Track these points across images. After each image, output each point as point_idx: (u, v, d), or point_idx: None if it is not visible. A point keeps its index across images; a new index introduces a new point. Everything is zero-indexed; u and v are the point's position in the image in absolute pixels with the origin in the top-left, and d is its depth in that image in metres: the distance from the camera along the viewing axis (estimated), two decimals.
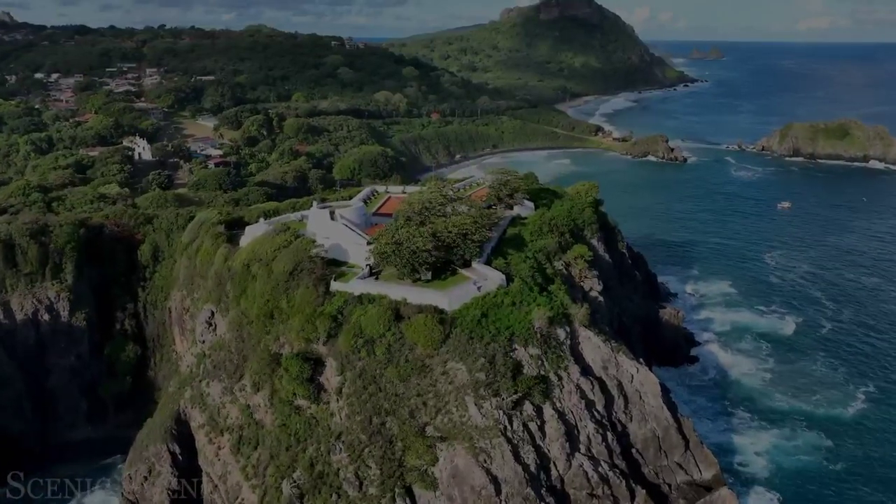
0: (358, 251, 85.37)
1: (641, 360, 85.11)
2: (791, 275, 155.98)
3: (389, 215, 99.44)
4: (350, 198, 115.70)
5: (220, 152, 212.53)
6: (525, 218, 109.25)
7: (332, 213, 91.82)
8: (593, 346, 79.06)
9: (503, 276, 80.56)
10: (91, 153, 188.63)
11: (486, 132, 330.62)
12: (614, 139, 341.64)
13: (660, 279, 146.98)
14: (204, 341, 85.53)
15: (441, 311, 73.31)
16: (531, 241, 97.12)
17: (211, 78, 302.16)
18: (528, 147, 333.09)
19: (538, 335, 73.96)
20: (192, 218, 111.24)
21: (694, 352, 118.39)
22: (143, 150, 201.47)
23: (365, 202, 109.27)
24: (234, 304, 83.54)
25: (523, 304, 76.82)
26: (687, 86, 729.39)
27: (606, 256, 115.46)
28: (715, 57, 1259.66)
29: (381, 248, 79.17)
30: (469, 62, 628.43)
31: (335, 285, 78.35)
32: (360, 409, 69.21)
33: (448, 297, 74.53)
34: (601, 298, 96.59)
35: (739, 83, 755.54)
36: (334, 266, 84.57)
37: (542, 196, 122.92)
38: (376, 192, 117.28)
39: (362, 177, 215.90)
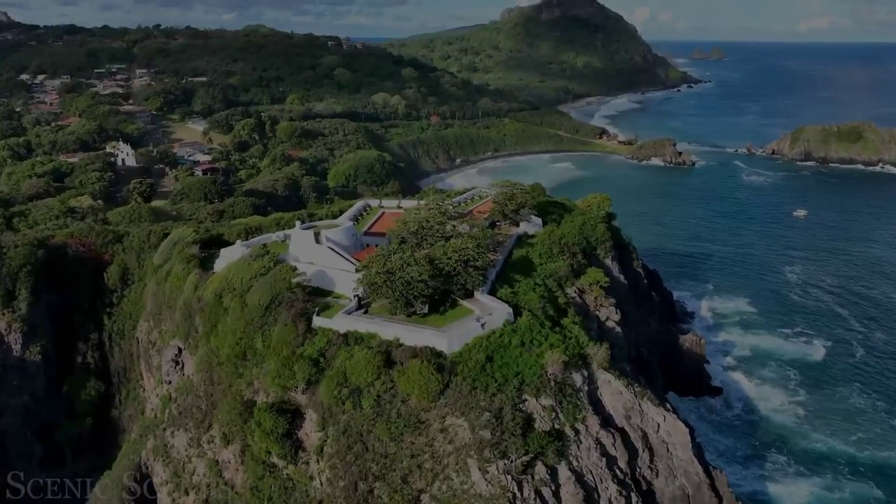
0: (345, 279, 75.24)
1: (668, 404, 75.01)
2: (814, 290, 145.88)
3: (383, 235, 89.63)
4: (340, 212, 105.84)
5: (208, 158, 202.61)
6: (533, 236, 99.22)
7: (316, 235, 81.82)
8: (614, 392, 68.86)
9: (510, 310, 70.39)
10: (71, 159, 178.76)
11: (487, 135, 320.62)
12: (619, 142, 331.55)
13: (674, 295, 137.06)
14: (170, 381, 75.48)
15: (439, 354, 63.22)
16: (540, 265, 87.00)
17: (203, 79, 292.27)
18: (531, 150, 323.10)
19: (552, 382, 63.75)
20: (166, 235, 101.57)
21: (716, 380, 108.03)
22: (126, 155, 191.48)
23: (356, 219, 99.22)
24: (204, 340, 73.41)
25: (534, 343, 66.59)
26: (690, 86, 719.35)
27: (621, 277, 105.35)
28: (717, 57, 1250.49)
29: (371, 277, 69.08)
30: (469, 63, 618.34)
31: (318, 321, 68.28)
32: (344, 473, 59.05)
33: (447, 338, 64.41)
34: (619, 329, 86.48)
35: (743, 84, 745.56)
36: (319, 296, 74.64)
37: (550, 210, 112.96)
38: (369, 207, 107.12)
39: (358, 184, 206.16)
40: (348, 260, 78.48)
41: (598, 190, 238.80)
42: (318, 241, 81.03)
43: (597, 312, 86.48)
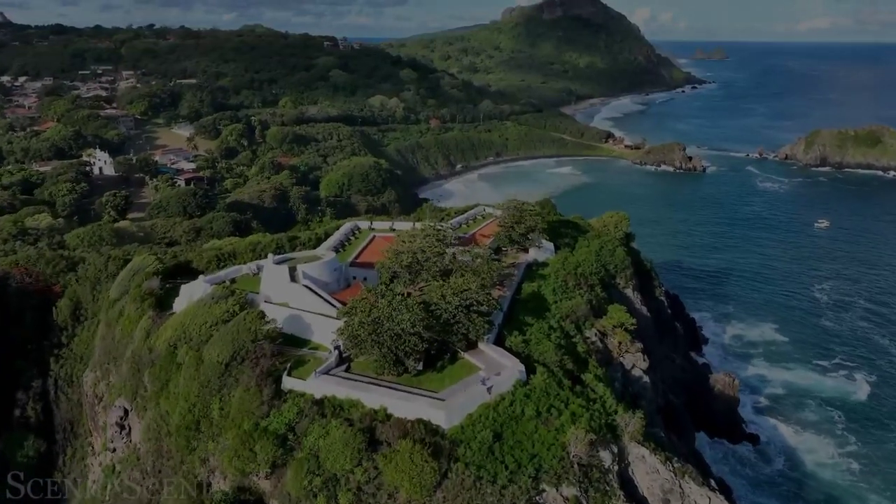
0: (325, 326, 62.98)
1: (712, 480, 62.63)
2: (848, 315, 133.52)
3: (372, 266, 77.34)
4: (326, 235, 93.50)
5: (192, 166, 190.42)
6: (544, 263, 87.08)
7: (292, 271, 69.48)
8: (650, 470, 56.48)
9: (521, 367, 58.21)
10: (42, 168, 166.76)
11: (488, 139, 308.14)
12: (626, 146, 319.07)
13: (691, 316, 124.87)
14: (115, 449, 63.12)
15: (435, 431, 51.03)
16: (555, 303, 74.78)
17: (192, 81, 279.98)
18: (534, 155, 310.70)
19: (575, 466, 51.41)
20: (128, 262, 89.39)
21: (749, 425, 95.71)
22: (104, 164, 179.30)
23: (341, 246, 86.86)
24: (153, 402, 61.13)
25: (552, 411, 54.33)
26: (695, 87, 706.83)
27: (644, 310, 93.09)
28: (719, 57, 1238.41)
29: (354, 329, 56.86)
30: (470, 63, 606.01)
31: (288, 381, 56.15)
32: None
33: (446, 409, 52.23)
34: (646, 379, 74.23)
35: (747, 85, 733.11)
36: (293, 345, 62.61)
37: (562, 231, 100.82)
38: (357, 229, 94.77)
39: (352, 193, 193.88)
40: (329, 302, 66.22)
41: (606, 198, 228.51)
42: (293, 278, 68.77)
43: (621, 359, 74.23)
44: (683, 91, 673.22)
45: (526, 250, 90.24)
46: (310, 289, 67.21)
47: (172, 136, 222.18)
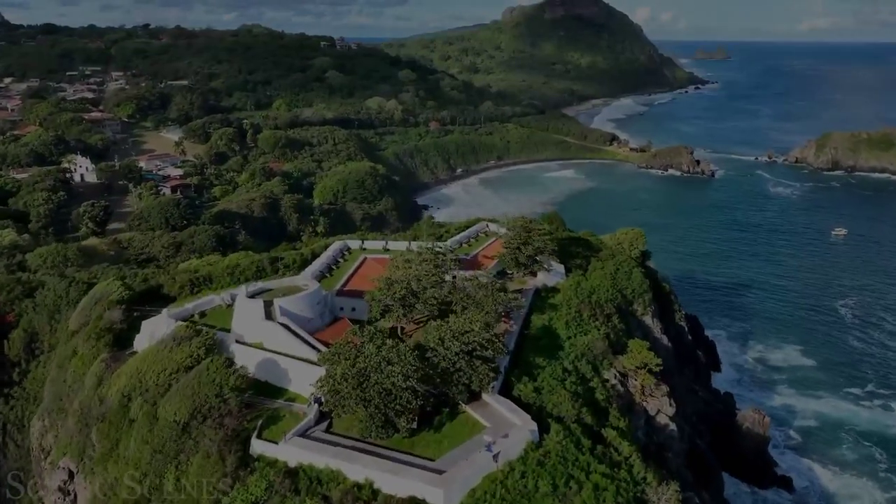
0: (304, 373, 54.26)
1: None
2: (877, 333, 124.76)
3: (361, 295, 68.40)
4: (313, 256, 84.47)
5: (179, 172, 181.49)
6: (554, 289, 78.21)
7: (267, 307, 60.53)
8: None
9: (533, 426, 49.64)
10: (19, 176, 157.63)
11: (490, 142, 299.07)
12: (631, 149, 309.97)
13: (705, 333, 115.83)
14: None
15: None
16: (568, 339, 65.93)
17: (183, 83, 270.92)
18: (536, 158, 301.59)
19: None
20: (93, 286, 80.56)
21: (780, 464, 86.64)
22: (85, 171, 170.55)
23: (328, 270, 77.83)
24: (100, 465, 52.19)
25: (570, 483, 45.48)
26: (698, 88, 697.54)
27: (664, 339, 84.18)
28: (721, 57, 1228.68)
29: (336, 383, 48.06)
30: (471, 63, 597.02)
31: (258, 445, 47.52)
32: None
33: (444, 485, 43.45)
34: (673, 426, 65.33)
35: (751, 85, 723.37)
36: (267, 396, 53.91)
37: (572, 250, 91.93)
38: (348, 250, 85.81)
39: (347, 201, 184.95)
40: (309, 343, 57.33)
41: (612, 205, 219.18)
42: (268, 314, 59.85)
43: (644, 404, 65.31)
44: (686, 91, 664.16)
45: (534, 274, 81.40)
46: (287, 328, 58.30)
47: (161, 140, 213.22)
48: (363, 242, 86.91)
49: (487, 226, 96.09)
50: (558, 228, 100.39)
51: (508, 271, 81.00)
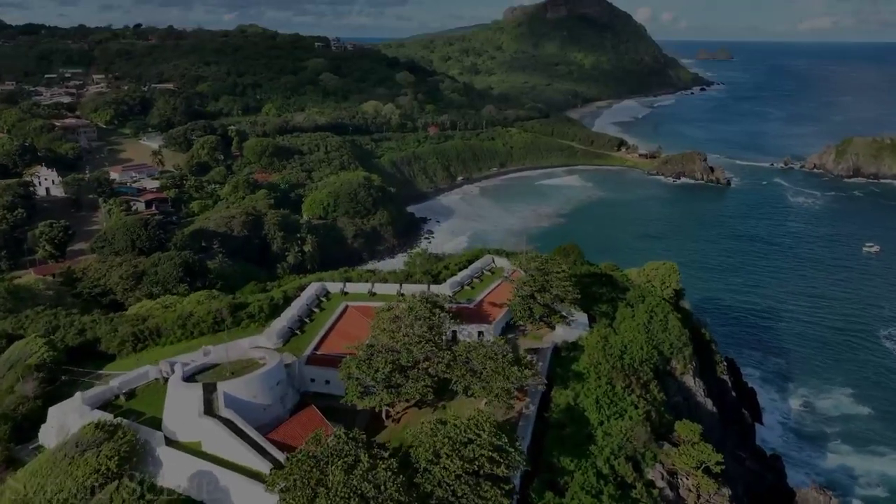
0: (251, 494, 39.69)
1: None
2: None
3: (336, 364, 53.75)
4: (285, 299, 69.78)
5: (156, 185, 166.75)
6: (576, 345, 63.78)
7: (209, 393, 45.92)
8: None
9: None
10: None
11: (492, 147, 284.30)
12: (640, 155, 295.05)
13: (749, 385, 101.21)
14: None
15: None
16: (601, 424, 51.48)
17: (168, 86, 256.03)
18: (541, 165, 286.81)
19: None
20: (14, 341, 66.29)
21: None
22: (51, 184, 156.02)
23: (298, 326, 63.14)
24: None
25: None
26: (703, 89, 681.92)
27: (708, 403, 69.57)
28: (723, 57, 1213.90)
29: None
30: (471, 64, 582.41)
31: None
32: None
33: None
34: None
35: (757, 86, 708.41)
36: None
37: (595, 289, 77.28)
38: (326, 294, 71.13)
39: (338, 215, 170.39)
40: (260, 448, 42.70)
41: (624, 217, 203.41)
42: (209, 406, 45.26)
43: None
44: (692, 93, 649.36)
45: (552, 326, 66.91)
46: (232, 426, 43.72)
47: (140, 148, 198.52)
48: (345, 285, 72.12)
49: (493, 261, 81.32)
50: (576, 261, 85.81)
51: (521, 325, 66.54)
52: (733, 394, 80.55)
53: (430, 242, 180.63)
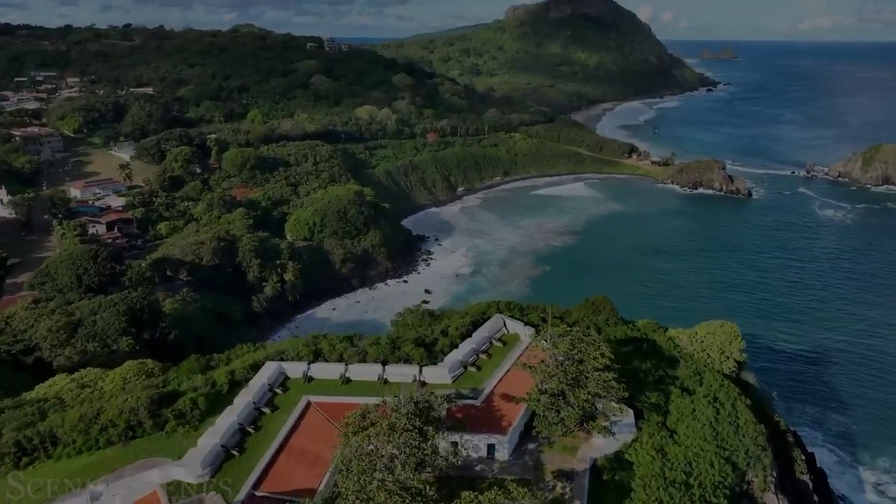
0: None
1: None
2: None
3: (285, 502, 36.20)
4: (231, 381, 52.15)
5: (121, 203, 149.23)
6: (621, 458, 46.10)
7: None
8: None
9: None
10: None
11: (495, 155, 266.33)
12: (652, 163, 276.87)
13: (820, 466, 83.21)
14: None
15: None
16: None
17: (147, 90, 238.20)
18: (547, 173, 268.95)
19: None
20: None
21: None
22: None
23: (237, 443, 45.24)
24: None
25: None
26: (710, 90, 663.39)
27: None
28: (728, 57, 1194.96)
29: None
30: (472, 65, 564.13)
31: None
32: None
33: None
34: None
35: (765, 87, 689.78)
36: None
37: (636, 364, 59.78)
38: (285, 379, 53.31)
39: (325, 236, 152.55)
40: None
41: (643, 235, 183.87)
42: None
43: None
44: (699, 93, 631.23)
45: (588, 432, 49.25)
46: None
47: (110, 159, 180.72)
48: (309, 367, 54.23)
49: (504, 324, 63.45)
50: (608, 319, 67.99)
51: (544, 434, 48.68)
52: (816, 499, 62.48)
53: (427, 266, 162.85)
